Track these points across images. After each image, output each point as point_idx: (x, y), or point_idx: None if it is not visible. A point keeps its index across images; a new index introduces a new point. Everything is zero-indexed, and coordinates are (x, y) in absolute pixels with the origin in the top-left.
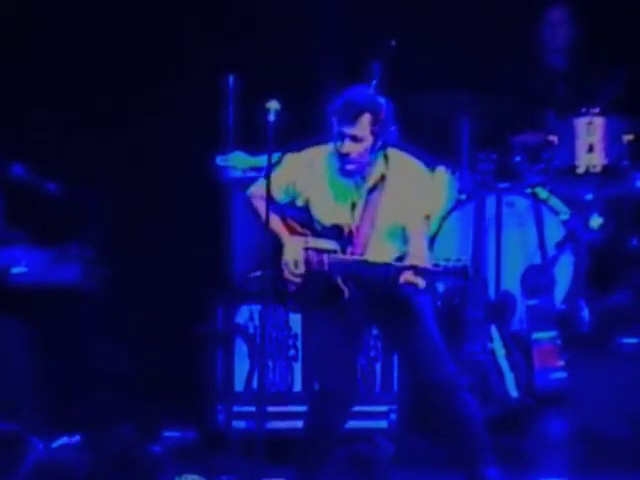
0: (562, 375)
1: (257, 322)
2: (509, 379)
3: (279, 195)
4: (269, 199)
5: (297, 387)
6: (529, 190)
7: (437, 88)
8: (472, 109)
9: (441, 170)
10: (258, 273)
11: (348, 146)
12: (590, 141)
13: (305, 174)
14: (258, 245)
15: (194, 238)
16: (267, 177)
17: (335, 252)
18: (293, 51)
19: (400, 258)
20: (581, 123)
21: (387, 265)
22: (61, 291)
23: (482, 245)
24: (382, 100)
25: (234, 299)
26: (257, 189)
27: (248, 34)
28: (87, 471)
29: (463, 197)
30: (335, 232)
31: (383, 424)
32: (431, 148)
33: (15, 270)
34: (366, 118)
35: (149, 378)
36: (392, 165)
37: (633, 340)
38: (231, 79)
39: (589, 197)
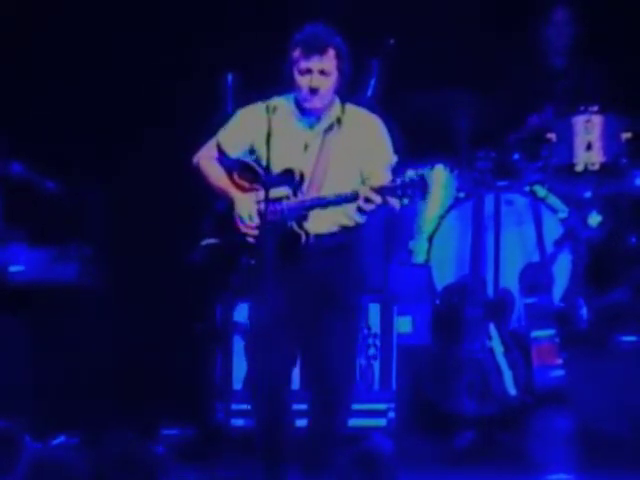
0: (560, 373)
1: None
2: (508, 377)
3: (234, 149)
4: (267, 197)
5: (295, 385)
6: (528, 188)
7: (436, 87)
8: (471, 107)
9: (440, 168)
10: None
11: (317, 80)
12: (588, 139)
13: (256, 125)
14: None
15: (194, 238)
16: (267, 175)
17: (288, 198)
18: None
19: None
20: (579, 121)
21: (344, 194)
22: (60, 290)
23: (481, 243)
24: (340, 39)
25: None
26: (205, 152)
27: (248, 32)
28: (86, 471)
29: (462, 195)
30: (286, 177)
31: (382, 422)
32: (430, 146)
33: (14, 269)
34: (331, 52)
35: (148, 376)
36: (348, 112)
37: (631, 338)
38: (230, 77)
39: (588, 195)
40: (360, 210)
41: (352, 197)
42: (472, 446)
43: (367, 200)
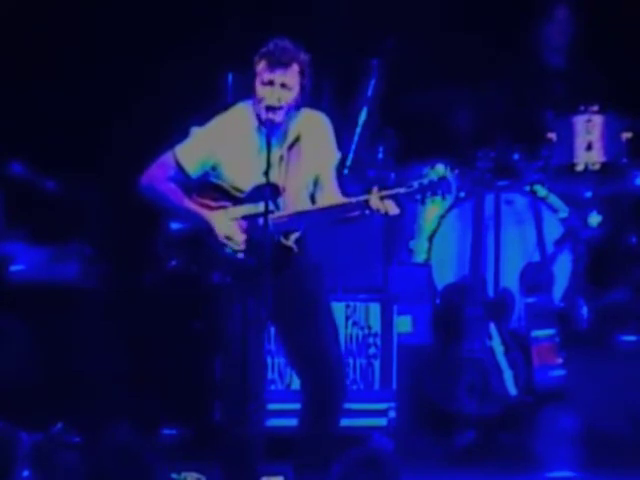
0: (561, 373)
1: None
2: (508, 377)
3: (194, 168)
4: (267, 211)
5: (295, 385)
6: (528, 188)
7: (436, 86)
8: (470, 107)
9: (439, 167)
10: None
11: (280, 93)
12: (589, 139)
13: (219, 140)
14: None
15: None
16: (266, 176)
17: (272, 212)
18: None
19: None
20: (580, 121)
21: (353, 203)
22: (60, 289)
23: (481, 243)
24: (305, 55)
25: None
26: (159, 172)
27: (248, 32)
28: (85, 469)
29: (462, 195)
30: (266, 191)
31: (382, 422)
32: (430, 146)
33: (14, 268)
34: (295, 67)
35: (148, 376)
36: (306, 123)
37: (631, 338)
38: (230, 77)
39: (588, 195)
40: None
41: (360, 206)
42: (472, 446)
43: (385, 211)
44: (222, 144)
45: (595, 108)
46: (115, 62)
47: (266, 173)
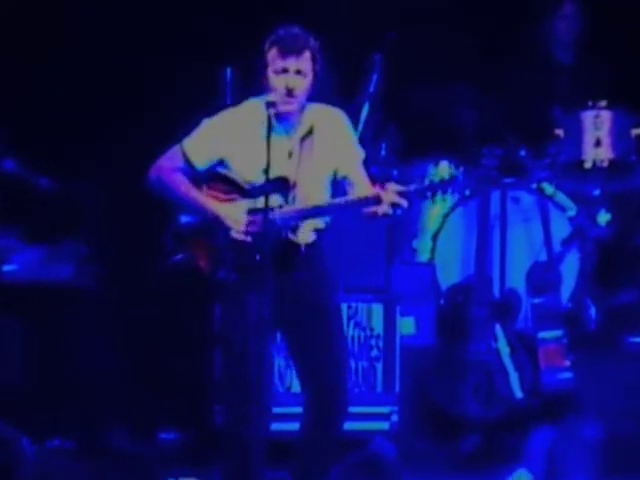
0: (568, 375)
1: None
2: (514, 379)
3: (201, 161)
4: (267, 206)
5: (296, 388)
6: (535, 185)
7: (441, 82)
8: (476, 103)
9: (444, 164)
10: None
11: (294, 80)
12: (597, 135)
13: (228, 134)
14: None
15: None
16: (266, 175)
17: (280, 206)
18: None
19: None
20: (588, 117)
21: (363, 198)
22: (55, 289)
23: (486, 242)
24: (315, 41)
25: None
26: (168, 163)
27: (246, 26)
28: (83, 472)
29: (467, 193)
30: (279, 185)
31: (385, 426)
32: (434, 143)
33: (7, 268)
34: (307, 54)
35: (146, 378)
36: (319, 116)
37: None
38: (228, 72)
39: (596, 192)
40: (384, 214)
41: (373, 201)
42: (477, 450)
43: (393, 205)
44: (231, 138)
45: (603, 104)
46: (113, 57)
47: (266, 168)
